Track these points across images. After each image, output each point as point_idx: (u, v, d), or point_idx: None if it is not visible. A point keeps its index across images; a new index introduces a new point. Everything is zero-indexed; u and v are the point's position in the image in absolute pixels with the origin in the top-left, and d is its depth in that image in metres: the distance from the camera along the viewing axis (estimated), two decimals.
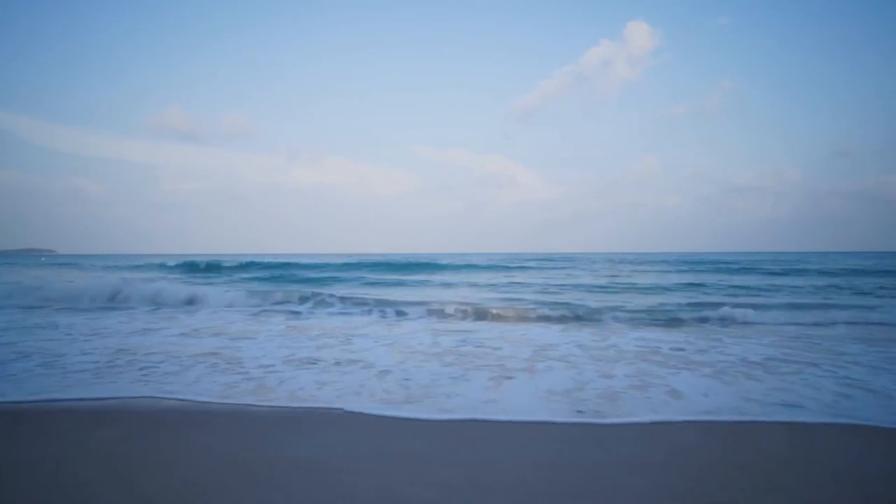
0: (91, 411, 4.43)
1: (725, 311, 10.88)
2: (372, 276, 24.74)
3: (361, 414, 4.37)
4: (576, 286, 19.34)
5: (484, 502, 2.72)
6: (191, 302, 12.80)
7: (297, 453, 3.43)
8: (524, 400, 4.84)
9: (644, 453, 3.46)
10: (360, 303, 12.81)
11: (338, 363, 6.44)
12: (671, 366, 6.32)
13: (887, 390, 5.16)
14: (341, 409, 4.52)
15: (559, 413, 4.40)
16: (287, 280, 22.83)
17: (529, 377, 5.73)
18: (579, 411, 4.47)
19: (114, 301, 12.74)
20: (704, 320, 10.52)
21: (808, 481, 3.02)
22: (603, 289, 17.91)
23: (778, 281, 21.46)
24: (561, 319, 10.81)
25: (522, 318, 11.07)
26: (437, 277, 24.39)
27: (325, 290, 14.78)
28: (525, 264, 35.83)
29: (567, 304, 12.75)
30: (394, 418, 4.26)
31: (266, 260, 37.48)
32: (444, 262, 36.25)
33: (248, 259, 34.95)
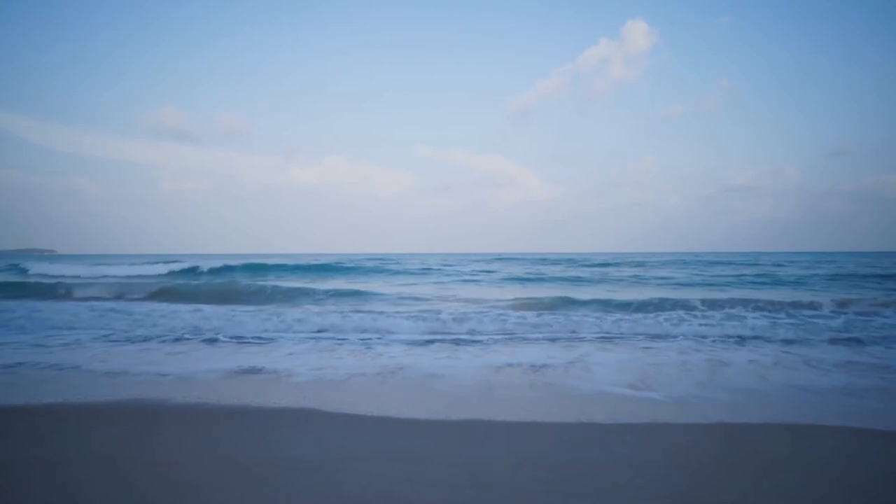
0: (91, 411, 4.43)
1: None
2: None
3: (361, 414, 4.37)
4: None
5: (484, 502, 2.72)
6: None
7: (297, 453, 3.43)
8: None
9: (644, 453, 3.46)
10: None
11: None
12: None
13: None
14: (341, 409, 4.52)
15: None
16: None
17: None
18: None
19: None
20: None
21: (808, 481, 3.02)
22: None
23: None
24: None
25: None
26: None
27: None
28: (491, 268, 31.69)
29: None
30: (394, 418, 4.26)
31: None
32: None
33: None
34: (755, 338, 8.48)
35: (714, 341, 8.14)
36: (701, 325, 9.46)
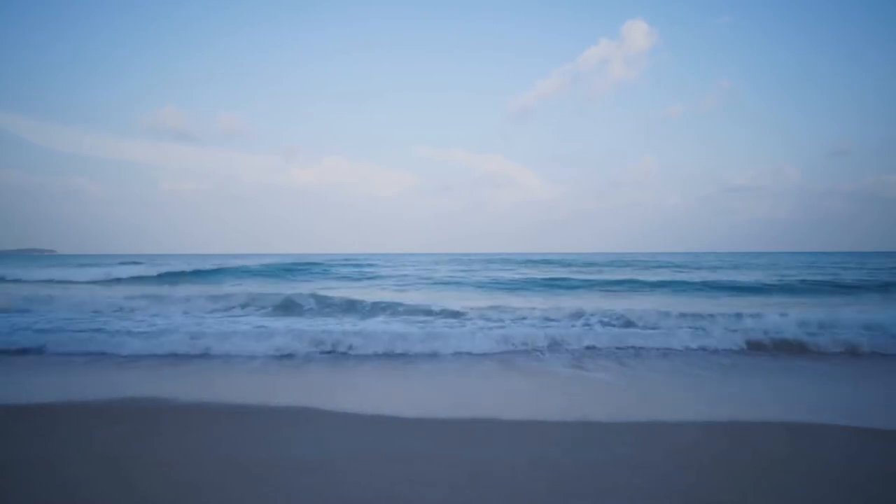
0: (91, 411, 4.43)
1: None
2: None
3: (361, 414, 4.37)
4: None
5: (484, 502, 2.72)
6: None
7: (297, 453, 3.43)
8: None
9: (644, 453, 3.46)
10: None
11: None
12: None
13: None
14: (341, 409, 4.52)
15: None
16: None
17: None
18: None
19: None
20: None
21: (808, 481, 3.02)
22: None
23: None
24: None
25: None
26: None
27: None
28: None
29: None
30: (394, 418, 4.26)
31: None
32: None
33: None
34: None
35: None
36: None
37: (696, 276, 22.46)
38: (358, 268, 30.60)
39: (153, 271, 25.12)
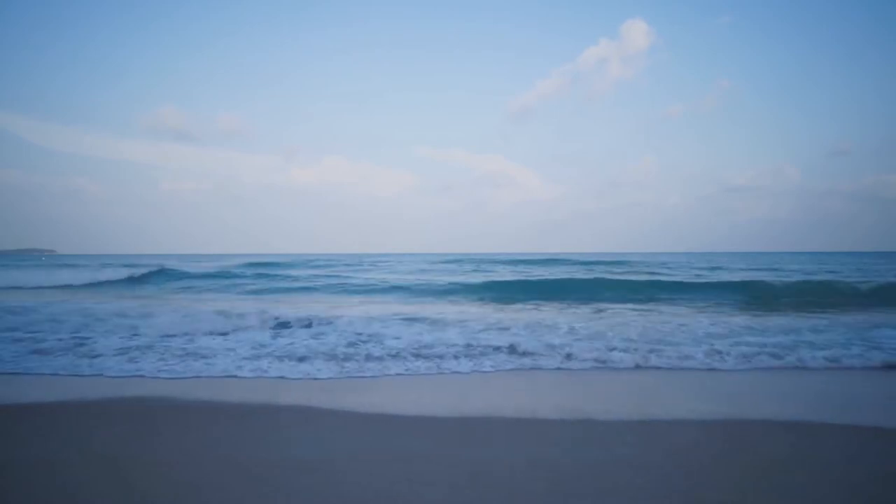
0: (91, 411, 4.43)
1: None
2: None
3: (361, 414, 4.37)
4: None
5: (484, 502, 2.72)
6: None
7: (297, 453, 3.43)
8: None
9: (644, 453, 3.46)
10: None
11: None
12: None
13: None
14: (341, 408, 4.52)
15: None
16: None
17: None
18: None
19: None
20: None
21: (807, 481, 3.02)
22: None
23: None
24: None
25: None
26: None
27: None
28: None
29: None
30: (394, 417, 4.26)
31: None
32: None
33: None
34: None
35: None
36: None
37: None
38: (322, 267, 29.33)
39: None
